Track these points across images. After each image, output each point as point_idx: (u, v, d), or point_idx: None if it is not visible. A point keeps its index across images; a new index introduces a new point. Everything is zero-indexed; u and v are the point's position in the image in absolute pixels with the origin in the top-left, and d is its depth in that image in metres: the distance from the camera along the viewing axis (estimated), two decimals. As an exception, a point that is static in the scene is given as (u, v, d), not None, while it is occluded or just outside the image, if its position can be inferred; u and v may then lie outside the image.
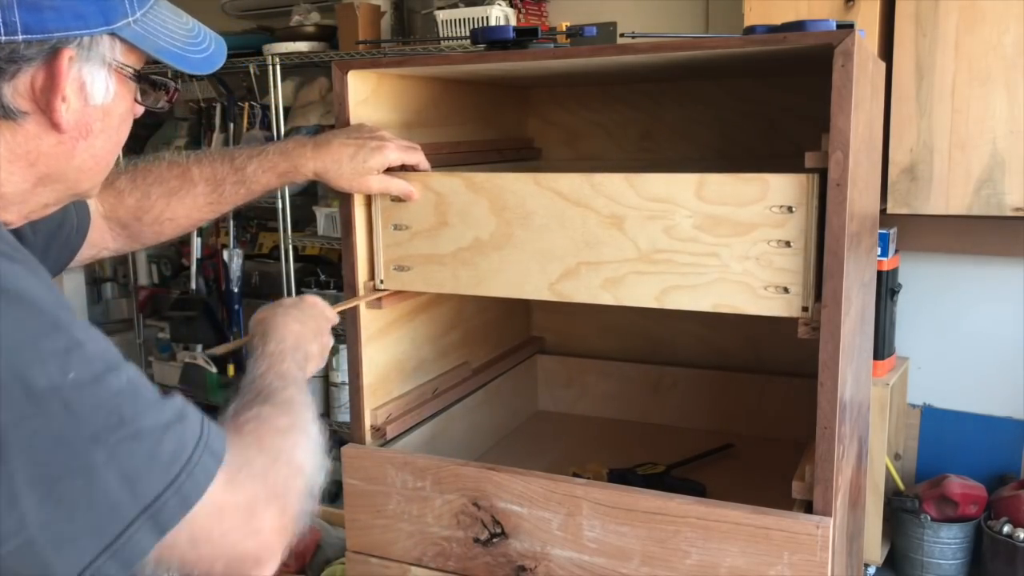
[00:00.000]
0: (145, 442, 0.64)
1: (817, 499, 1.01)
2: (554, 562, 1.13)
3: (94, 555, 0.61)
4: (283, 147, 1.14)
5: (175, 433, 0.66)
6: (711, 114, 1.56)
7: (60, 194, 0.80)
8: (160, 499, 0.64)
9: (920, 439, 2.83)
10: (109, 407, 0.63)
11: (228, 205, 1.15)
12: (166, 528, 0.64)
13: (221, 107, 3.64)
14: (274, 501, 0.72)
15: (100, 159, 0.80)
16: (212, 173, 1.13)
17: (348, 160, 1.13)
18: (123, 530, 0.62)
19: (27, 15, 0.69)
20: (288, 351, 0.95)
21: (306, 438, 0.81)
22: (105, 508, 0.62)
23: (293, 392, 0.86)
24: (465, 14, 2.87)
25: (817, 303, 0.99)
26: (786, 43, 0.98)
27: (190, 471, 0.66)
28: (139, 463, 0.63)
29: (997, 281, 2.67)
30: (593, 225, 1.08)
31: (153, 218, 1.12)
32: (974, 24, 2.30)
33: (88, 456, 0.61)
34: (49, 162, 0.76)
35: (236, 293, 3.59)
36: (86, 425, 0.61)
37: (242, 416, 0.79)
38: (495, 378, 1.60)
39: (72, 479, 0.60)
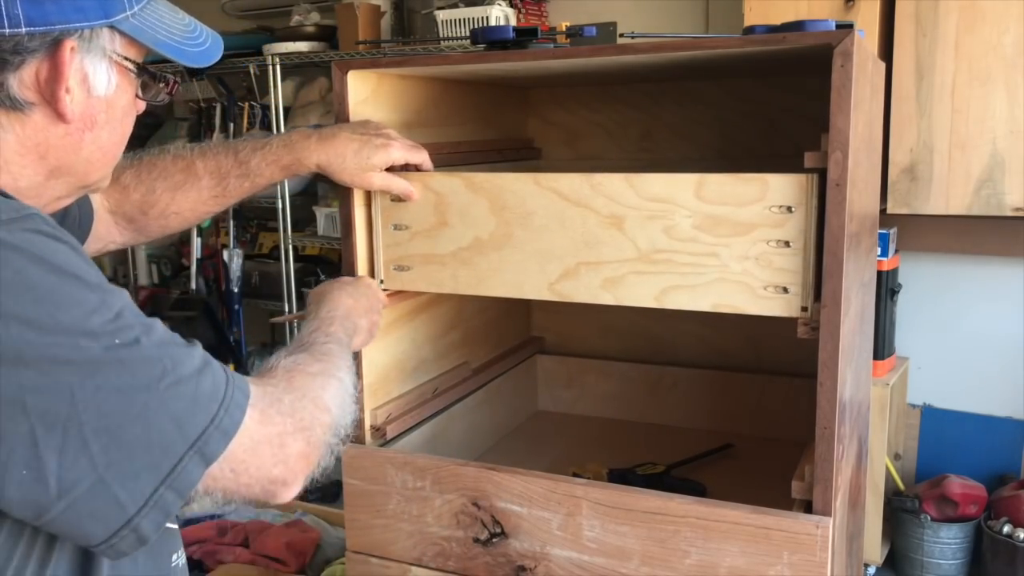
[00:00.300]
0: (186, 386, 0.71)
1: (817, 499, 1.01)
2: (554, 562, 1.13)
3: (154, 487, 0.69)
4: (287, 140, 1.14)
5: (207, 376, 0.74)
6: (711, 114, 1.56)
7: (71, 187, 0.82)
8: (204, 434, 0.71)
9: (920, 439, 2.83)
10: (153, 361, 0.70)
11: (233, 198, 1.16)
12: (211, 459, 0.72)
13: (221, 107, 3.64)
14: (300, 433, 0.79)
15: (107, 151, 0.82)
16: (216, 167, 1.13)
17: (352, 155, 1.13)
18: (176, 463, 0.70)
19: (29, 8, 0.71)
20: (338, 318, 1.04)
21: (336, 382, 0.88)
22: (160, 446, 0.69)
23: (333, 347, 0.95)
24: (465, 14, 2.87)
25: (816, 303, 0.99)
26: (786, 43, 0.99)
27: (226, 407, 0.73)
28: (184, 405, 0.71)
29: (997, 281, 2.67)
30: (593, 225, 1.08)
31: (159, 212, 1.13)
32: (974, 24, 2.30)
33: (143, 404, 0.69)
34: (58, 154, 0.78)
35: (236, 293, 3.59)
36: (138, 378, 0.69)
37: (281, 362, 0.87)
38: (495, 378, 1.60)
39: (131, 425, 0.68)
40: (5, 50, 0.71)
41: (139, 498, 0.68)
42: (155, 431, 0.69)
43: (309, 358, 0.89)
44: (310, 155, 1.13)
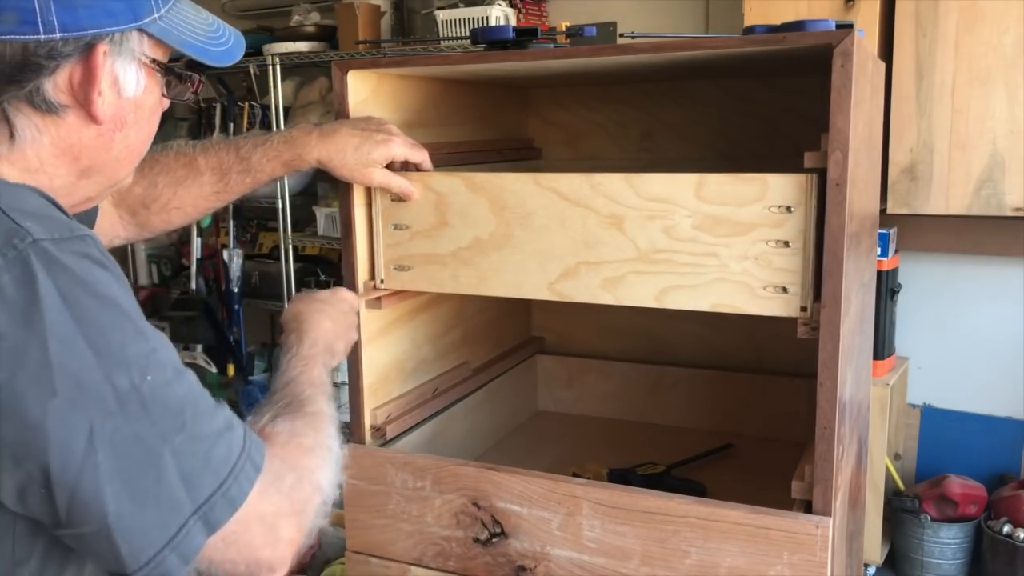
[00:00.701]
0: (202, 445, 0.70)
1: (816, 499, 1.01)
2: (554, 562, 1.13)
3: (159, 548, 0.67)
4: (288, 136, 1.15)
5: (225, 440, 0.72)
6: (711, 114, 1.56)
7: (100, 186, 0.84)
8: (211, 500, 0.69)
9: (920, 439, 2.83)
10: (176, 409, 0.69)
11: (234, 194, 1.16)
12: (215, 527, 0.70)
13: (221, 107, 3.64)
14: (294, 517, 0.77)
15: (134, 149, 0.83)
16: (218, 163, 1.14)
17: (353, 151, 1.13)
18: (181, 526, 0.68)
19: (63, 14, 0.72)
20: (319, 354, 1.01)
21: (329, 457, 0.86)
22: (168, 504, 0.68)
23: (322, 404, 0.92)
24: (465, 14, 2.87)
25: (816, 303, 0.99)
26: (785, 43, 0.99)
27: (236, 476, 0.71)
28: (196, 464, 0.69)
29: (997, 281, 2.67)
30: (593, 225, 1.08)
31: (161, 206, 1.13)
32: (974, 24, 2.30)
33: (158, 454, 0.67)
34: (90, 154, 0.79)
35: (236, 293, 3.59)
36: (158, 425, 0.68)
37: (276, 428, 0.84)
38: (495, 378, 1.60)
39: (145, 474, 0.67)
40: (40, 55, 0.73)
41: (142, 557, 0.67)
42: (166, 485, 0.67)
43: (304, 426, 0.86)
44: (311, 151, 1.13)
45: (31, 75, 0.73)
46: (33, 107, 0.75)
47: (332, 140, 1.13)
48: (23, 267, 0.64)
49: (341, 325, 1.10)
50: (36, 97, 0.74)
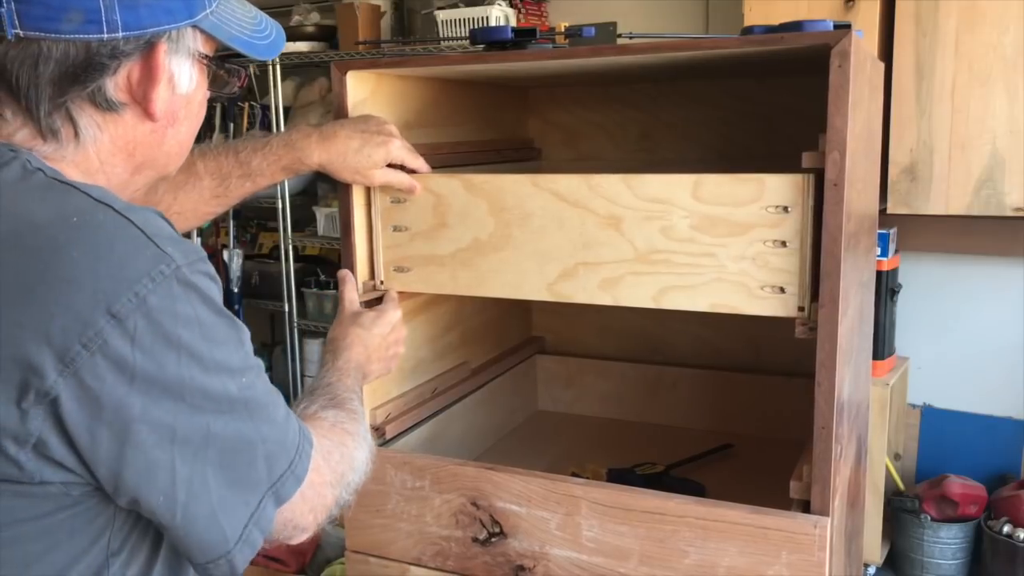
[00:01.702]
0: (279, 430, 0.77)
1: (815, 499, 1.01)
2: (553, 562, 1.13)
3: (245, 522, 0.74)
4: (288, 139, 1.15)
5: (292, 422, 0.80)
6: (710, 114, 1.56)
7: (149, 179, 0.85)
8: (283, 477, 0.77)
9: (920, 439, 2.83)
10: (264, 403, 0.76)
11: (235, 198, 1.17)
12: (283, 500, 0.77)
13: (221, 107, 3.64)
14: (335, 487, 0.85)
15: (184, 144, 0.85)
16: (217, 167, 1.14)
17: (353, 153, 1.14)
18: (260, 501, 0.75)
19: (126, 13, 0.73)
20: (352, 370, 1.09)
21: (365, 444, 0.94)
22: (253, 485, 0.75)
23: (357, 405, 1.00)
24: (465, 14, 2.87)
25: (814, 303, 0.99)
26: (783, 43, 0.99)
27: (300, 454, 0.79)
28: (275, 447, 0.76)
29: (997, 281, 2.67)
30: (591, 226, 1.08)
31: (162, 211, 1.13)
32: (974, 24, 2.30)
33: (253, 443, 0.75)
34: (144, 150, 0.81)
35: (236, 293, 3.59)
36: (254, 418, 0.75)
37: (322, 413, 0.93)
38: (495, 378, 1.60)
39: (242, 462, 0.74)
40: (103, 55, 0.74)
41: (237, 532, 0.73)
42: (253, 470, 0.74)
43: (346, 416, 0.94)
44: (311, 154, 1.13)
45: (94, 74, 0.74)
46: (95, 106, 0.76)
47: (332, 143, 1.14)
48: (167, 292, 0.68)
49: (375, 349, 1.15)
50: (98, 96, 0.75)
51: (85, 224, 0.69)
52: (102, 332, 0.66)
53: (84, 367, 0.65)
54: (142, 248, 0.69)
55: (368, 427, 0.99)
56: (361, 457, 0.91)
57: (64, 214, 0.69)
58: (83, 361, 0.65)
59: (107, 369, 0.66)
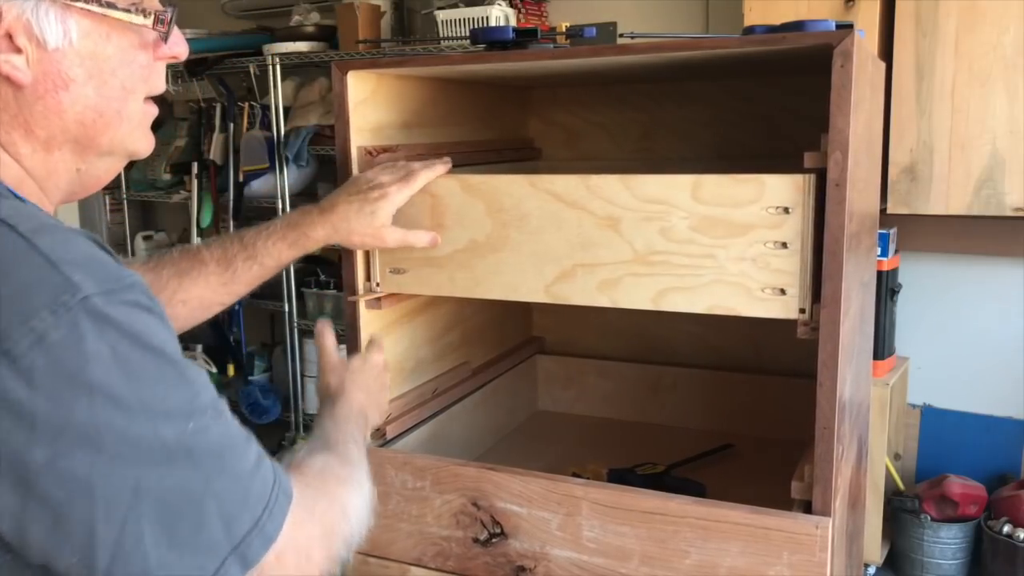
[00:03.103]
0: (240, 484, 0.68)
1: (816, 499, 1.01)
2: (553, 562, 1.13)
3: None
4: (289, 218, 1.13)
5: (260, 474, 0.70)
6: (711, 114, 1.56)
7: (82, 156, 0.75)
8: (247, 537, 0.67)
9: (920, 439, 2.83)
10: (217, 452, 0.67)
11: (242, 284, 1.12)
12: (251, 564, 0.68)
13: (221, 107, 3.64)
14: (324, 541, 0.76)
15: (103, 109, 0.74)
16: (222, 252, 1.10)
17: (356, 216, 1.11)
18: (218, 567, 0.66)
19: None
20: (353, 417, 1.03)
21: (360, 492, 0.85)
22: (207, 547, 0.65)
23: (354, 449, 0.93)
24: (465, 14, 2.87)
25: (815, 304, 0.99)
26: (785, 43, 0.99)
27: (271, 511, 0.69)
28: (235, 505, 0.67)
29: (997, 281, 2.67)
30: (589, 227, 1.08)
31: (166, 299, 1.08)
32: (974, 24, 2.30)
33: (200, 499, 0.65)
34: (41, 122, 0.71)
35: (236, 293, 3.59)
36: (201, 470, 0.65)
37: (310, 460, 0.85)
38: (495, 378, 1.60)
39: (187, 521, 0.64)
40: None
41: None
42: (205, 530, 0.65)
43: (336, 461, 0.87)
44: (314, 228, 1.11)
45: None
46: None
47: (332, 213, 1.11)
48: (71, 326, 0.60)
49: (373, 394, 1.12)
50: None
51: None
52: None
53: None
54: (44, 277, 0.61)
55: (367, 472, 0.90)
56: (355, 504, 0.82)
57: None
58: None
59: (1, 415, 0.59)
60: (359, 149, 1.22)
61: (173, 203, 3.89)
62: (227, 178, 3.58)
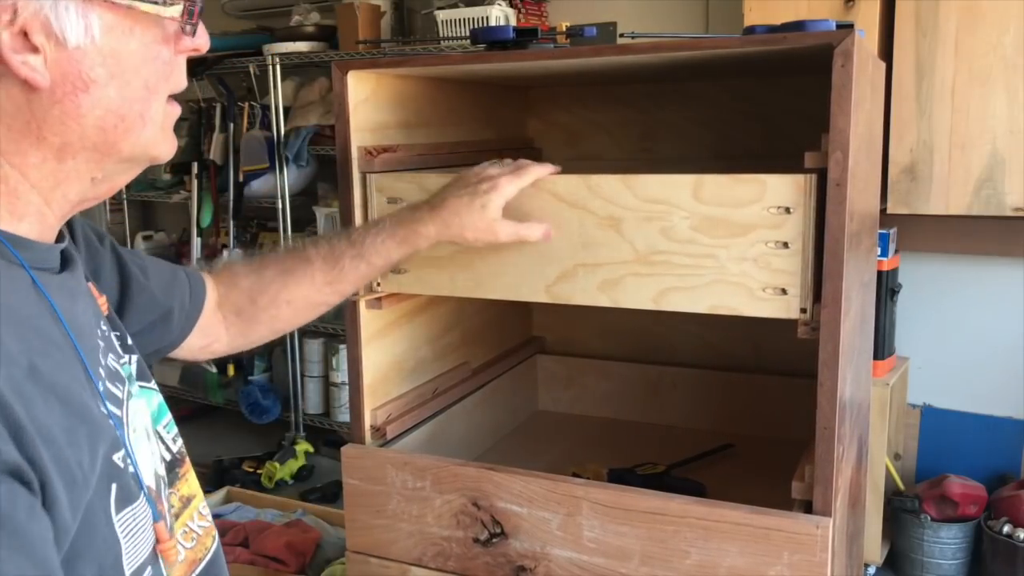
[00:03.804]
0: None
1: (817, 499, 1.01)
2: (554, 562, 1.13)
3: None
4: (397, 215, 1.09)
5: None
6: (711, 114, 1.56)
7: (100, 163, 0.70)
8: None
9: (920, 439, 2.83)
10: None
11: (349, 284, 1.09)
12: None
13: (221, 107, 3.64)
14: None
15: (125, 112, 0.68)
16: (329, 250, 1.07)
17: (467, 211, 1.07)
18: None
19: None
20: None
21: None
22: None
23: None
24: (465, 14, 2.87)
25: (816, 304, 0.99)
26: (785, 43, 0.99)
27: None
28: None
29: (997, 281, 2.67)
30: (590, 227, 1.08)
31: (269, 300, 1.06)
32: (974, 24, 2.30)
33: None
34: (56, 128, 0.65)
35: (236, 293, 3.58)
36: None
37: None
38: (495, 378, 1.60)
39: None
40: None
41: None
42: None
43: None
44: (424, 226, 1.07)
45: None
46: None
47: (443, 208, 1.07)
48: None
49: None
50: None
51: None
52: None
53: None
54: None
55: None
56: None
57: None
58: None
59: None
60: (359, 149, 1.22)
61: (173, 203, 3.89)
62: (227, 178, 3.58)
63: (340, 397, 3.44)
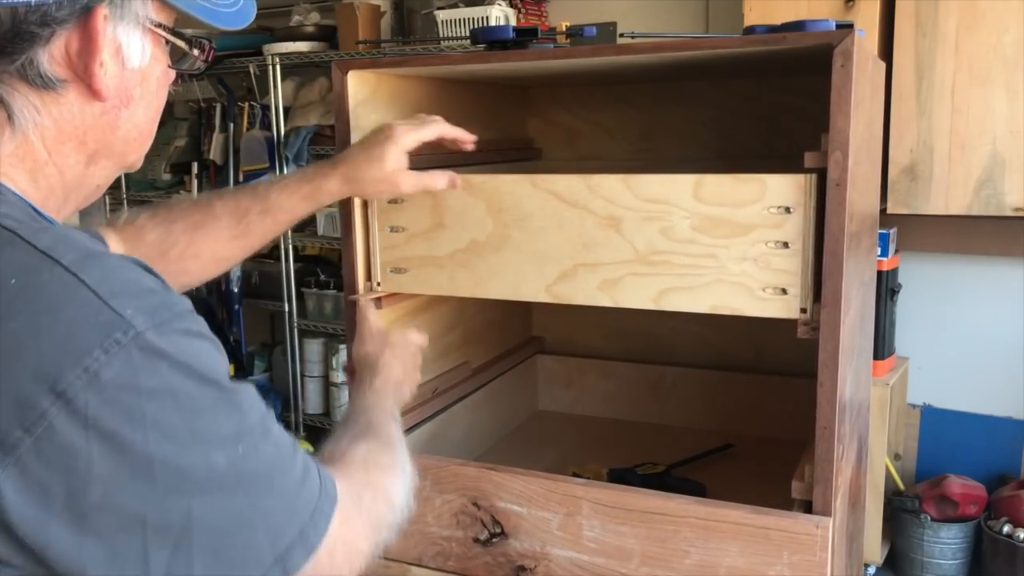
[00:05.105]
0: (288, 499, 0.69)
1: (817, 499, 1.01)
2: (554, 562, 1.13)
3: None
4: (303, 171, 1.11)
5: (306, 486, 0.71)
6: (711, 114, 1.56)
7: (109, 171, 0.77)
8: (289, 548, 0.68)
9: (920, 439, 2.83)
10: (266, 473, 0.67)
11: (256, 238, 1.10)
12: (290, 572, 0.68)
13: (221, 107, 3.64)
14: (372, 534, 0.77)
15: (143, 128, 0.77)
16: (235, 205, 1.09)
17: (366, 164, 1.08)
18: None
19: None
20: (391, 391, 1.05)
21: (403, 477, 0.87)
22: (252, 560, 0.66)
23: (394, 429, 0.95)
24: (465, 14, 2.87)
25: (816, 303, 0.99)
26: (785, 43, 0.99)
27: (314, 519, 0.70)
28: (281, 519, 0.68)
29: (997, 281, 2.67)
30: (590, 226, 1.08)
31: (178, 254, 1.07)
32: (974, 24, 2.30)
33: (250, 520, 0.66)
34: (96, 136, 0.73)
35: (236, 293, 3.59)
36: (250, 493, 0.66)
37: (354, 450, 0.86)
38: (495, 378, 1.60)
39: (235, 540, 0.65)
40: (32, 22, 0.65)
41: None
42: (252, 546, 0.66)
43: (379, 447, 0.88)
44: (327, 181, 1.09)
45: (24, 45, 0.65)
46: (29, 83, 0.67)
47: (342, 163, 1.09)
48: (125, 363, 0.60)
49: (409, 368, 1.12)
50: (30, 71, 0.66)
51: (25, 287, 0.60)
52: (46, 415, 0.58)
53: (27, 455, 0.57)
54: (94, 313, 0.60)
55: (406, 452, 0.92)
56: (400, 492, 0.84)
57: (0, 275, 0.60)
58: (25, 448, 0.57)
59: (55, 456, 0.58)
60: (359, 149, 1.22)
61: (173, 203, 3.88)
62: (227, 178, 3.58)
63: (340, 397, 3.44)
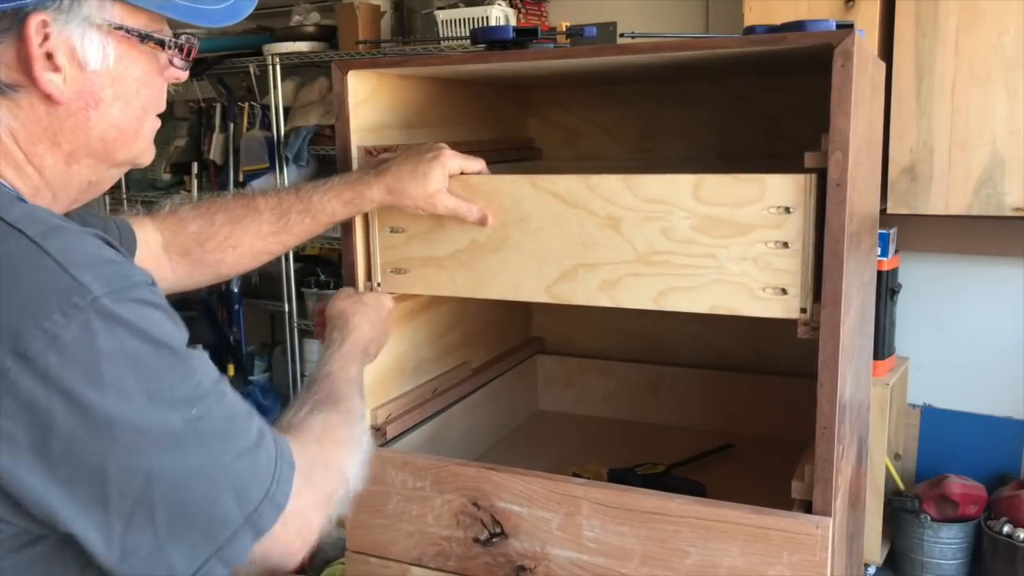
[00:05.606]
0: (248, 459, 0.72)
1: (817, 499, 1.01)
2: (554, 562, 1.13)
3: (207, 556, 0.70)
4: (347, 176, 1.14)
5: (263, 447, 0.74)
6: (711, 114, 1.56)
7: (97, 169, 0.80)
8: (259, 507, 0.72)
9: (920, 439, 2.83)
10: (223, 432, 0.71)
11: (293, 236, 1.14)
12: (263, 531, 0.72)
13: (221, 107, 3.64)
14: (322, 508, 0.80)
15: (124, 128, 0.78)
16: (278, 202, 1.12)
17: (409, 178, 1.10)
18: (230, 535, 0.70)
19: None
20: (359, 355, 1.07)
21: (358, 451, 0.89)
22: (219, 519, 0.70)
23: (356, 401, 0.96)
24: (465, 14, 2.87)
25: (816, 304, 0.99)
26: (786, 43, 0.99)
27: (278, 480, 0.74)
28: (245, 477, 0.72)
29: (997, 281, 2.67)
30: (590, 227, 1.08)
31: (216, 244, 1.11)
32: (974, 24, 2.29)
33: (210, 478, 0.69)
34: (68, 137, 0.75)
35: (236, 293, 3.59)
36: (210, 453, 0.70)
37: (311, 420, 0.88)
38: (495, 378, 1.60)
39: (198, 498, 0.69)
40: None
41: (192, 566, 0.69)
42: (218, 505, 0.70)
43: (338, 419, 0.90)
44: (369, 189, 1.11)
45: None
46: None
47: (387, 173, 1.11)
48: (83, 326, 0.64)
49: (378, 330, 1.14)
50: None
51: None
52: (8, 373, 0.62)
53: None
54: (54, 279, 0.64)
55: (366, 425, 0.96)
56: (352, 466, 0.86)
57: None
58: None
59: (18, 410, 0.62)
60: (359, 149, 1.22)
61: (173, 203, 3.88)
62: (227, 178, 3.58)
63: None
